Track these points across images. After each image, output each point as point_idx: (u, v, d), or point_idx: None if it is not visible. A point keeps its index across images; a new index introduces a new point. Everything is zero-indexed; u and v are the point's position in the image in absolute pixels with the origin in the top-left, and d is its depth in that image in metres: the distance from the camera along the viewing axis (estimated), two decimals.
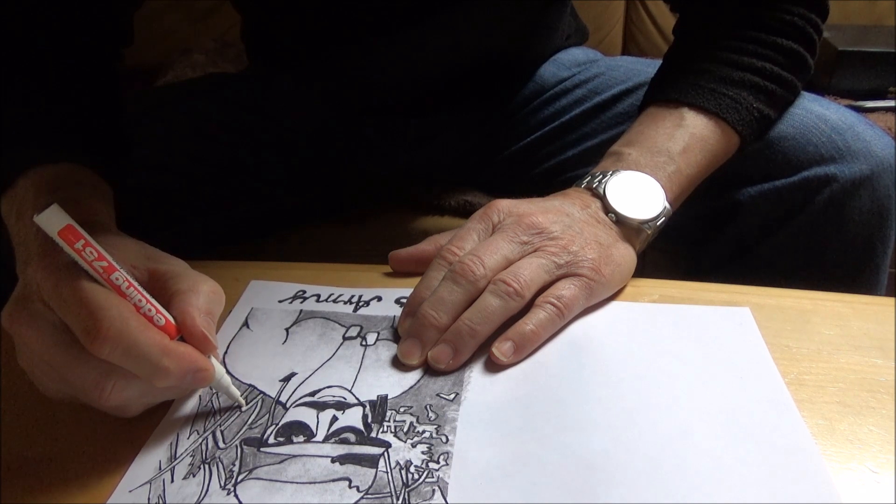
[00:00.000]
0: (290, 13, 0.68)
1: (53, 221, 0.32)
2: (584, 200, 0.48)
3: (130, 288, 0.34)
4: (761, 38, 0.55)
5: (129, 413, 0.36)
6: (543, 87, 0.74)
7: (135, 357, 0.32)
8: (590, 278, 0.43)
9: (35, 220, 0.32)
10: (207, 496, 0.33)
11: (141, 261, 0.38)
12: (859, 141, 0.55)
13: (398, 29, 0.66)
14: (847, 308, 0.45)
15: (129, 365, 0.33)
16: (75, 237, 0.33)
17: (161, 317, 0.35)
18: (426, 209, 0.80)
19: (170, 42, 1.52)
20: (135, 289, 0.34)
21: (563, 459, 0.34)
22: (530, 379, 0.39)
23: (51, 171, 0.43)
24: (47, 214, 0.32)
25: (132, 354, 0.32)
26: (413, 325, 0.41)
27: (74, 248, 0.33)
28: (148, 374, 0.33)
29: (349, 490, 0.32)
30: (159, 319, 0.35)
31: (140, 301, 0.35)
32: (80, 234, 0.33)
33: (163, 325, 0.35)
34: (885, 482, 0.33)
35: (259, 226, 0.74)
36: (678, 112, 0.53)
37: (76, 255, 0.33)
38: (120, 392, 0.33)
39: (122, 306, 0.33)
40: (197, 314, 0.36)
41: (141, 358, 0.33)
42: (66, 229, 0.33)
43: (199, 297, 0.36)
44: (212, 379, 0.36)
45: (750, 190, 0.57)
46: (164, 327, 0.35)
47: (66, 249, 0.33)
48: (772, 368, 0.39)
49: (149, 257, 0.39)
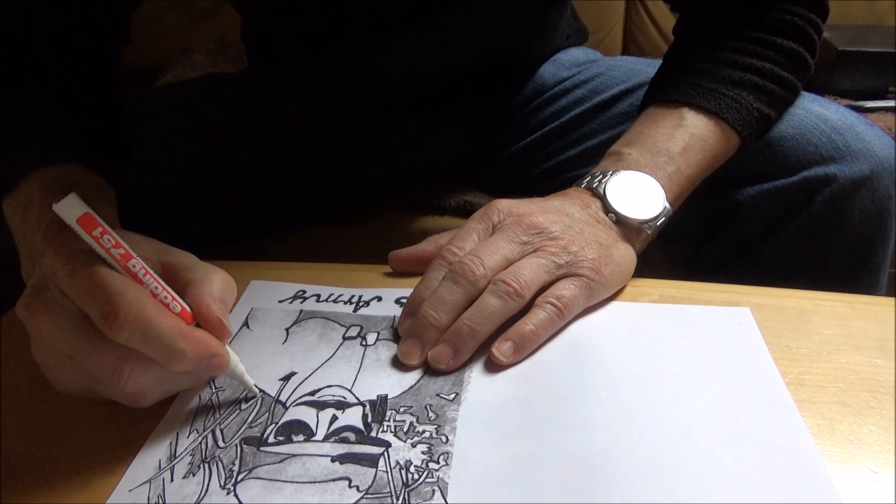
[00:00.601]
0: (290, 13, 0.68)
1: (72, 209, 0.33)
2: (584, 200, 0.48)
3: (147, 275, 0.35)
4: (761, 38, 0.55)
5: (145, 402, 0.36)
6: (543, 87, 0.74)
7: (152, 340, 0.33)
8: (590, 278, 0.43)
9: (54, 209, 0.32)
10: (207, 496, 0.33)
11: (153, 254, 0.38)
12: (859, 141, 0.55)
13: (398, 29, 0.66)
14: (847, 308, 0.45)
15: (146, 349, 0.33)
16: (93, 225, 0.33)
17: (177, 304, 0.36)
18: (426, 209, 0.80)
19: (170, 42, 1.52)
20: (151, 276, 0.35)
21: (563, 459, 0.34)
22: (530, 379, 0.39)
23: (55, 172, 0.43)
24: (66, 203, 0.33)
25: (150, 338, 0.33)
26: (413, 325, 0.41)
27: (92, 235, 0.33)
28: (165, 358, 0.33)
29: (349, 490, 0.32)
30: (175, 307, 0.35)
31: (156, 288, 0.35)
32: (98, 223, 0.33)
33: (178, 313, 0.35)
34: (885, 482, 0.33)
35: (259, 226, 0.74)
36: (678, 112, 0.53)
37: (94, 242, 0.33)
38: (138, 377, 0.34)
39: (140, 291, 0.34)
40: (211, 301, 0.36)
41: (158, 341, 0.33)
42: (85, 217, 0.33)
43: (213, 286, 0.37)
44: (227, 365, 0.36)
45: (750, 190, 0.57)
46: (180, 314, 0.35)
47: (84, 237, 0.33)
48: (772, 368, 0.39)
49: (160, 251, 0.39)
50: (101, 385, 0.35)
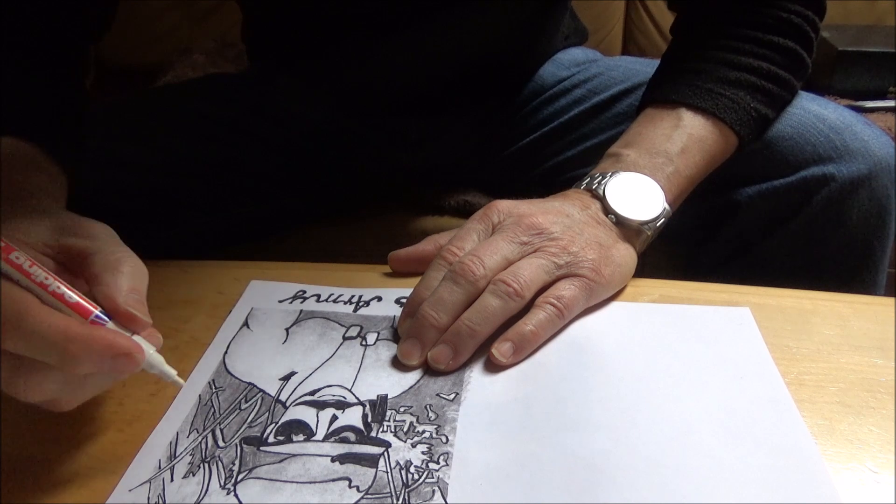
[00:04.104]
0: (292, 12, 0.68)
1: None
2: (583, 201, 0.48)
3: (34, 266, 0.32)
4: (758, 37, 0.55)
5: (65, 406, 0.33)
6: (543, 87, 0.74)
7: (38, 346, 0.30)
8: (590, 279, 0.43)
9: None
10: (207, 496, 0.33)
11: (54, 237, 0.36)
12: (857, 140, 0.55)
13: (398, 29, 0.66)
14: (847, 308, 0.45)
15: (35, 354, 0.31)
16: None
17: (72, 294, 0.33)
18: (426, 209, 0.80)
19: (170, 42, 1.52)
20: (38, 267, 0.32)
21: (563, 460, 0.34)
22: (530, 379, 0.39)
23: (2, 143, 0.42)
24: None
25: (34, 343, 0.30)
26: (413, 325, 0.41)
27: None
28: (58, 363, 0.31)
29: (349, 490, 0.32)
30: (70, 297, 0.33)
31: (46, 280, 0.32)
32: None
33: (74, 304, 0.33)
34: (885, 482, 0.33)
35: (259, 226, 0.74)
36: (675, 113, 0.53)
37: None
38: (38, 385, 0.31)
39: (23, 293, 0.31)
40: (118, 293, 0.33)
41: (45, 346, 0.30)
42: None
43: (121, 276, 0.34)
44: (139, 363, 0.32)
45: (748, 190, 0.57)
46: (76, 305, 0.33)
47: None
48: (772, 368, 0.39)
49: (64, 230, 0.36)
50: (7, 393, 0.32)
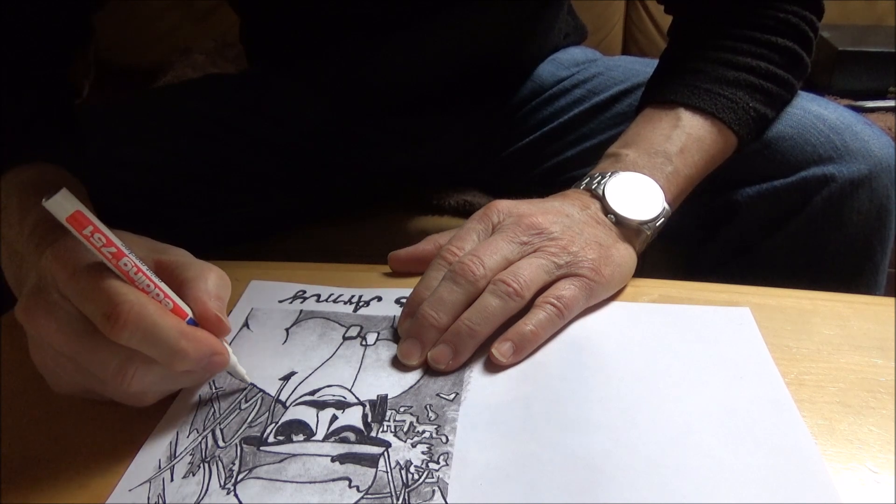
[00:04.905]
0: (289, 15, 0.68)
1: (63, 206, 0.32)
2: (583, 201, 0.48)
3: (139, 273, 0.34)
4: (756, 36, 0.55)
5: (147, 401, 0.36)
6: (542, 86, 0.74)
7: (154, 341, 0.33)
8: (590, 279, 0.43)
9: (44, 205, 0.32)
10: (207, 495, 0.33)
11: (146, 252, 0.38)
12: (857, 141, 0.55)
13: (397, 29, 0.66)
14: (847, 308, 0.45)
15: (148, 349, 0.33)
16: (84, 223, 0.33)
17: (170, 301, 0.35)
18: (426, 209, 0.80)
19: (170, 42, 1.52)
20: (143, 274, 0.35)
21: (563, 460, 0.34)
22: (530, 379, 0.39)
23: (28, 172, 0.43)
24: (57, 199, 0.32)
25: (151, 338, 0.33)
26: (413, 325, 0.41)
27: (83, 233, 0.33)
28: (167, 358, 0.34)
29: (349, 490, 0.32)
30: (167, 304, 0.35)
31: (149, 286, 0.35)
32: (89, 220, 0.33)
33: (171, 310, 0.35)
34: (885, 482, 0.33)
35: (259, 226, 0.74)
36: (674, 113, 0.53)
37: (84, 240, 0.33)
38: (141, 378, 0.34)
39: (140, 294, 0.34)
40: (208, 299, 0.36)
41: (160, 341, 0.33)
42: (76, 215, 0.32)
43: (209, 283, 0.37)
44: (227, 363, 0.36)
45: (748, 190, 0.57)
46: (173, 311, 0.35)
47: (75, 234, 0.33)
48: (772, 368, 0.39)
49: (153, 249, 0.39)
50: (103, 386, 0.35)
